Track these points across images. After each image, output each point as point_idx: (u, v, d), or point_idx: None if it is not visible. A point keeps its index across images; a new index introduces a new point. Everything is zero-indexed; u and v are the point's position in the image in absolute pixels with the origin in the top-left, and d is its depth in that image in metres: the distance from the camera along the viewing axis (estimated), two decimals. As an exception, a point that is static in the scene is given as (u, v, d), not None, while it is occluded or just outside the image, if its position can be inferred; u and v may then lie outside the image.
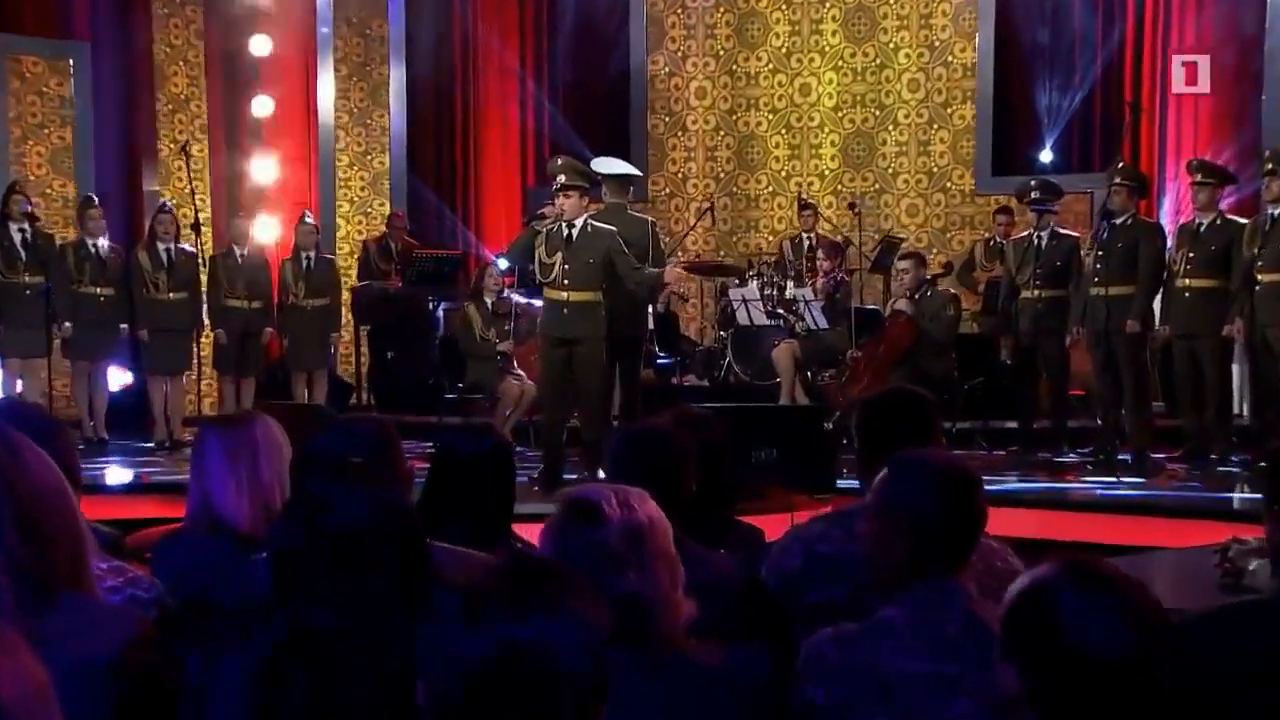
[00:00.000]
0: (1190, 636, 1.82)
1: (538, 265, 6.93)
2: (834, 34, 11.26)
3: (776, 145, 11.47)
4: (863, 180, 11.23)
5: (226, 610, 2.20)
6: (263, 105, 10.80)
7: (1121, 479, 6.98)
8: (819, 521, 2.83)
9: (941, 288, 8.60)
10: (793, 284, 9.54)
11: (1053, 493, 6.83)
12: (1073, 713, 1.57)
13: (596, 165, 7.41)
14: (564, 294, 6.83)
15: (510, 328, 8.58)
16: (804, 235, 10.19)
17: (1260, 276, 7.06)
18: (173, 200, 9.55)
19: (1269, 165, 7.18)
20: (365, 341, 10.41)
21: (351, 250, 10.84)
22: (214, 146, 10.56)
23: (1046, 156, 10.71)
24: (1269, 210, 7.15)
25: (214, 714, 1.69)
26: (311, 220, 9.54)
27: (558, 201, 6.84)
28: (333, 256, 9.97)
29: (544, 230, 6.89)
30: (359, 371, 10.44)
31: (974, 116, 10.90)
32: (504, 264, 8.86)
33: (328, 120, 11.06)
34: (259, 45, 10.71)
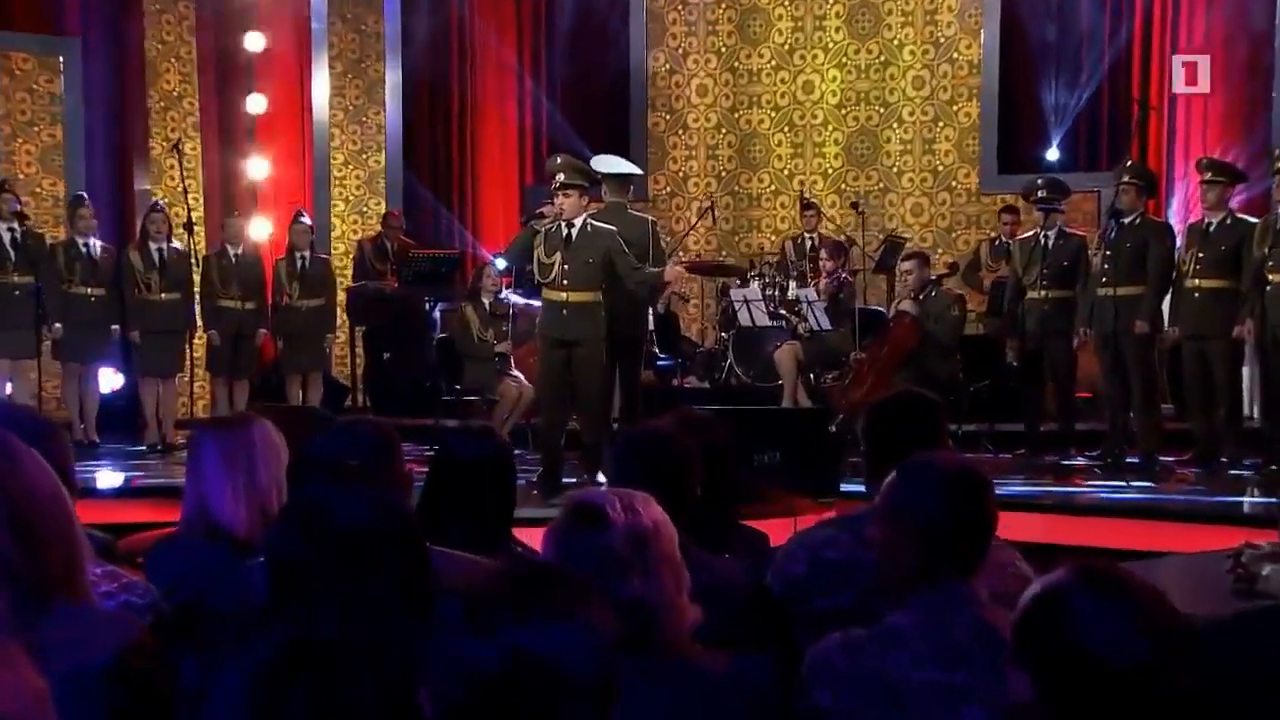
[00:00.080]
0: (1203, 643, 1.82)
1: (536, 265, 6.93)
2: (837, 30, 11.25)
3: (779, 143, 11.47)
4: (866, 179, 11.23)
5: (223, 616, 2.20)
6: (256, 103, 10.80)
7: (1130, 482, 6.98)
8: (825, 526, 2.84)
9: (946, 288, 8.59)
10: (795, 284, 9.53)
11: (1060, 496, 6.83)
12: (1086, 720, 1.57)
13: (596, 164, 7.40)
14: (563, 294, 6.83)
15: (508, 329, 8.58)
16: (806, 235, 10.19)
17: (1271, 277, 7.05)
18: (165, 199, 9.54)
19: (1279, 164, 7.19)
20: (361, 343, 10.39)
21: (347, 250, 10.83)
22: (207, 144, 10.56)
23: (1053, 155, 10.71)
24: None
25: (211, 722, 1.68)
26: (306, 219, 9.54)
27: (557, 201, 6.83)
28: (328, 256, 9.98)
29: (543, 230, 6.88)
30: (354, 373, 10.42)
31: (979, 114, 10.90)
32: (501, 264, 8.86)
33: (322, 118, 11.06)
34: (253, 42, 10.72)
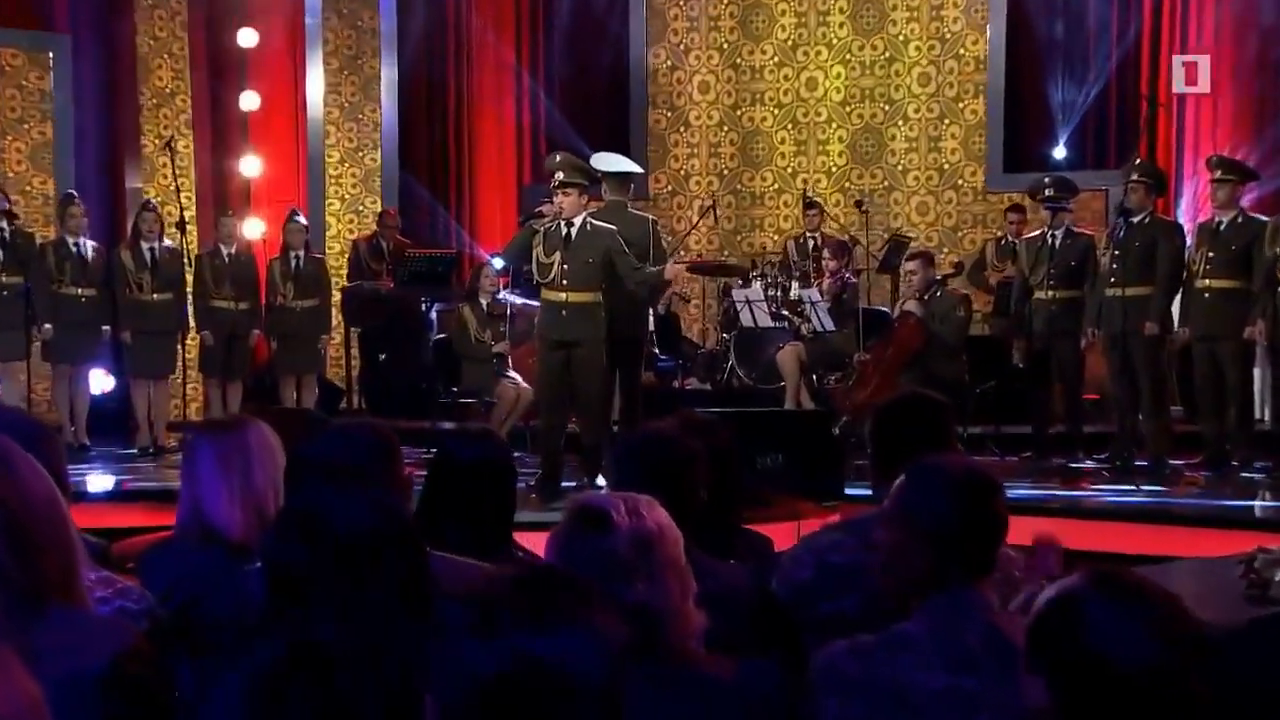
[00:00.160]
0: (1218, 651, 1.82)
1: (535, 265, 6.92)
2: (841, 26, 11.25)
3: (782, 141, 11.46)
4: (871, 177, 11.23)
5: (220, 621, 2.20)
6: (250, 99, 10.80)
7: (1139, 486, 6.98)
8: (831, 531, 2.84)
9: (951, 288, 8.60)
10: (798, 285, 9.54)
11: (1067, 500, 6.83)
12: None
13: (596, 162, 7.40)
14: (562, 295, 6.82)
15: (505, 329, 8.57)
16: (809, 234, 10.19)
17: (1282, 277, 7.08)
18: (157, 198, 9.54)
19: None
20: (356, 344, 10.39)
21: (342, 250, 10.81)
22: (199, 142, 10.55)
23: (1060, 153, 10.71)
24: (1291, 208, 7.17)
25: (210, 729, 1.68)
26: (301, 219, 9.54)
27: (556, 199, 6.82)
28: (322, 256, 9.97)
29: (542, 229, 6.88)
30: (349, 375, 10.42)
31: (986, 111, 10.91)
32: (499, 264, 8.86)
33: (317, 115, 11.05)
34: (246, 38, 10.72)
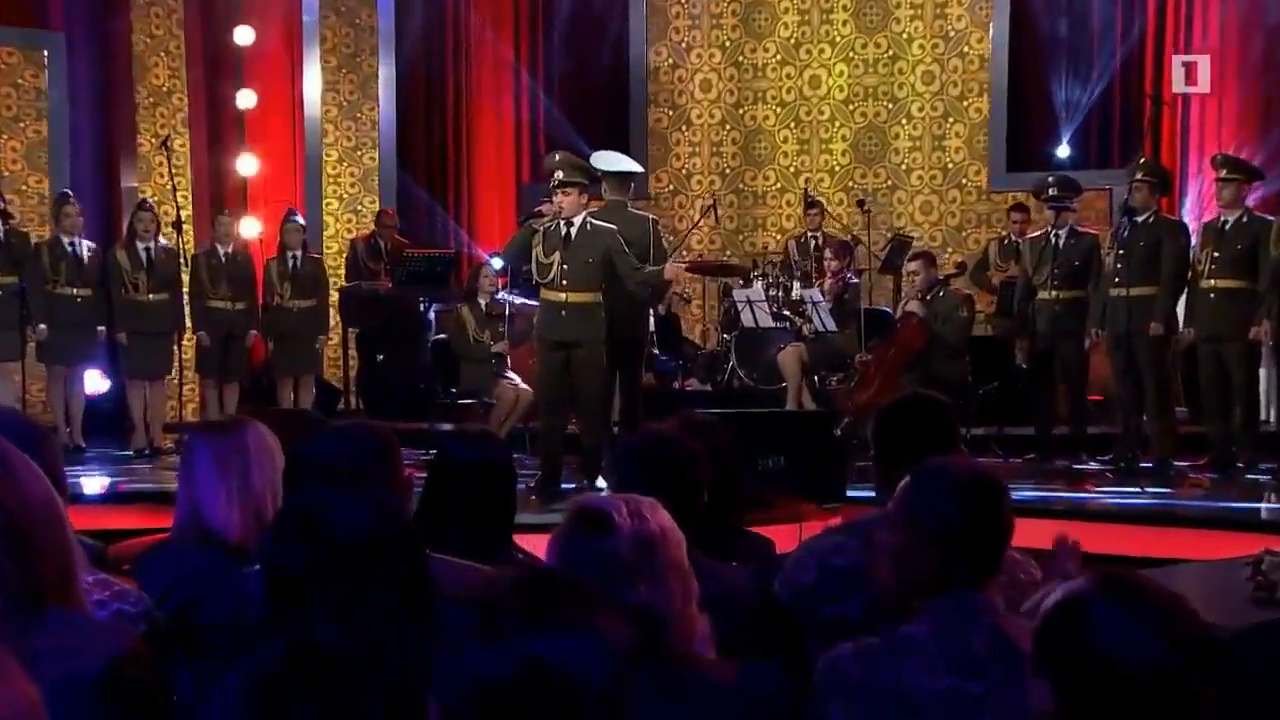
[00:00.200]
0: (1227, 654, 1.81)
1: (535, 265, 6.92)
2: (845, 24, 11.25)
3: (785, 140, 11.46)
4: (874, 176, 11.23)
5: (218, 625, 2.20)
6: (246, 98, 10.80)
7: (1144, 488, 6.97)
8: (834, 533, 2.83)
9: (954, 288, 8.60)
10: (799, 285, 9.53)
11: (1071, 502, 6.83)
12: (1108, 732, 1.56)
13: (596, 160, 7.40)
14: (562, 295, 6.82)
15: (504, 329, 8.56)
16: (810, 234, 10.19)
17: (1288, 276, 7.07)
18: (154, 197, 9.54)
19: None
20: (354, 344, 10.39)
21: (340, 249, 10.82)
22: (195, 140, 10.55)
23: (1063, 152, 10.71)
24: (1297, 207, 7.17)
25: (209, 733, 1.68)
26: (299, 218, 9.53)
27: (556, 199, 6.83)
28: (320, 256, 9.97)
29: (541, 229, 6.88)
30: (347, 376, 10.42)
31: (990, 110, 10.90)
32: (498, 264, 8.85)
33: (314, 114, 11.05)
34: (242, 35, 10.71)
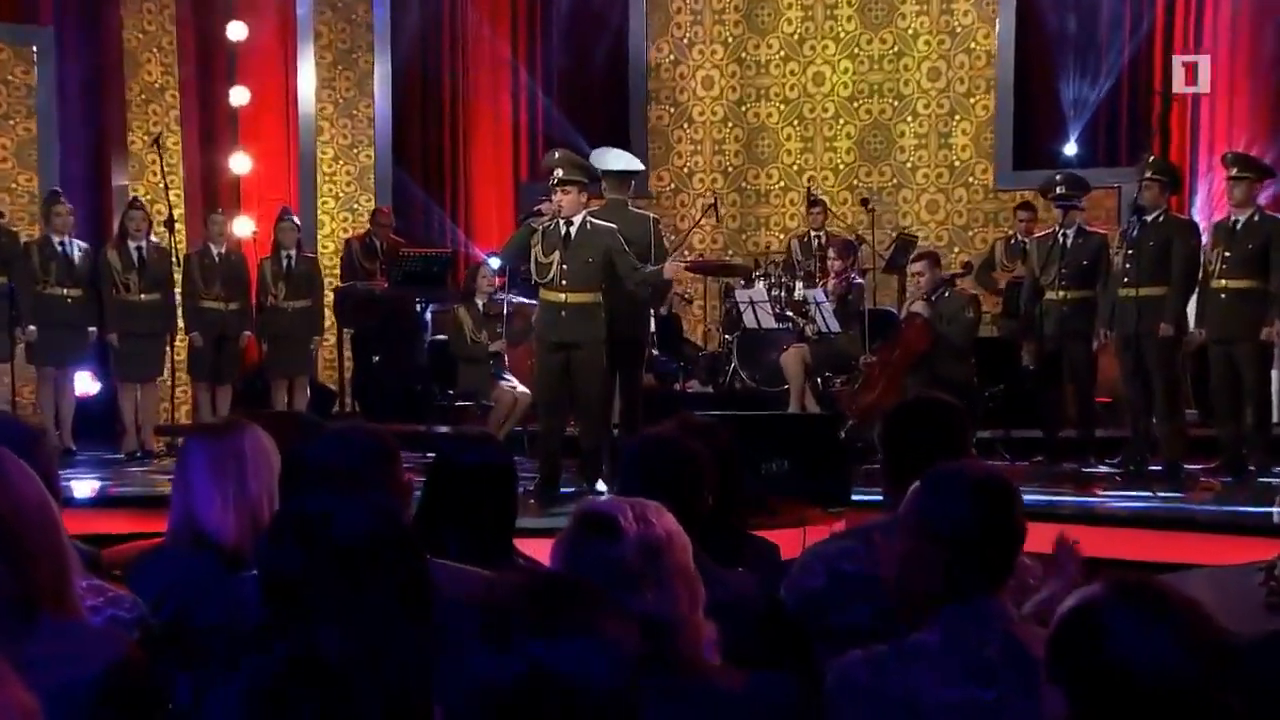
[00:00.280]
0: (1238, 662, 1.81)
1: (534, 265, 6.91)
2: (849, 19, 11.25)
3: (788, 138, 11.46)
4: (879, 175, 11.23)
5: (214, 631, 2.20)
6: (239, 95, 10.78)
7: (1155, 492, 6.97)
8: (841, 538, 2.83)
9: (960, 288, 8.59)
10: (802, 285, 9.53)
11: (1079, 506, 6.82)
12: (1124, 741, 1.56)
13: (597, 158, 7.38)
14: (561, 295, 6.81)
15: (502, 329, 8.54)
16: (813, 233, 10.19)
17: (1301, 276, 7.08)
18: (146, 196, 9.53)
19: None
20: (349, 345, 10.39)
21: (336, 249, 10.81)
22: (188, 139, 10.54)
23: (1071, 150, 10.71)
24: (1310, 206, 7.18)
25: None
26: (292, 217, 9.52)
27: (555, 197, 6.81)
28: (315, 255, 9.96)
29: (540, 228, 6.87)
30: (342, 377, 10.42)
31: (996, 107, 10.91)
32: (496, 263, 8.84)
33: (308, 111, 11.05)
34: (235, 31, 10.70)
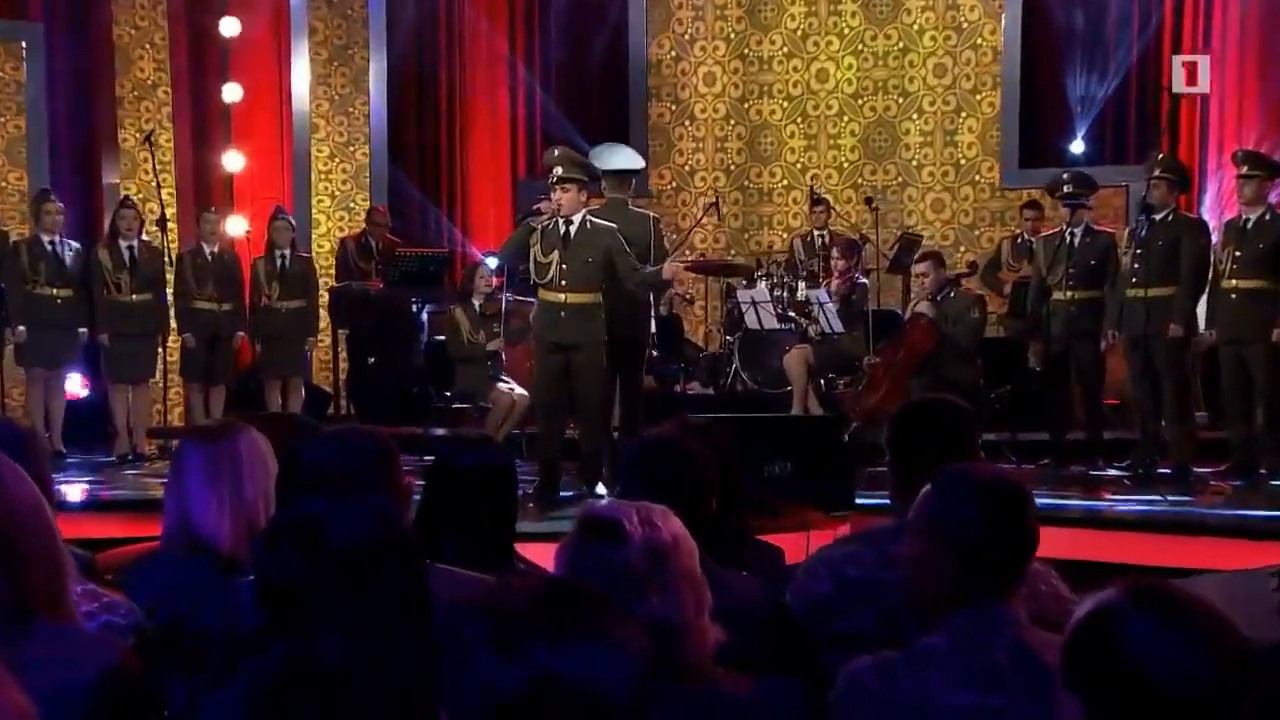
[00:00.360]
0: (1254, 669, 1.80)
1: (533, 265, 6.89)
2: (853, 15, 11.24)
3: (791, 135, 11.46)
4: (884, 173, 11.23)
5: (210, 637, 2.19)
6: (232, 91, 10.78)
7: (1165, 496, 6.96)
8: (847, 542, 2.83)
9: (965, 288, 8.59)
10: (805, 285, 9.52)
11: (1087, 510, 6.81)
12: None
13: (597, 155, 7.36)
14: (561, 296, 6.80)
15: (499, 329, 8.52)
16: (816, 232, 10.18)
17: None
18: (138, 194, 9.52)
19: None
20: (344, 347, 10.38)
21: (333, 249, 10.80)
22: (180, 136, 10.54)
23: (1078, 147, 10.71)
24: (1322, 205, 7.17)
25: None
26: (286, 216, 9.52)
27: (555, 196, 6.80)
28: (309, 255, 9.96)
29: (539, 227, 6.86)
30: (337, 379, 10.41)
31: (1003, 104, 10.91)
32: (493, 263, 8.83)
33: (302, 108, 11.05)
34: (228, 27, 10.70)
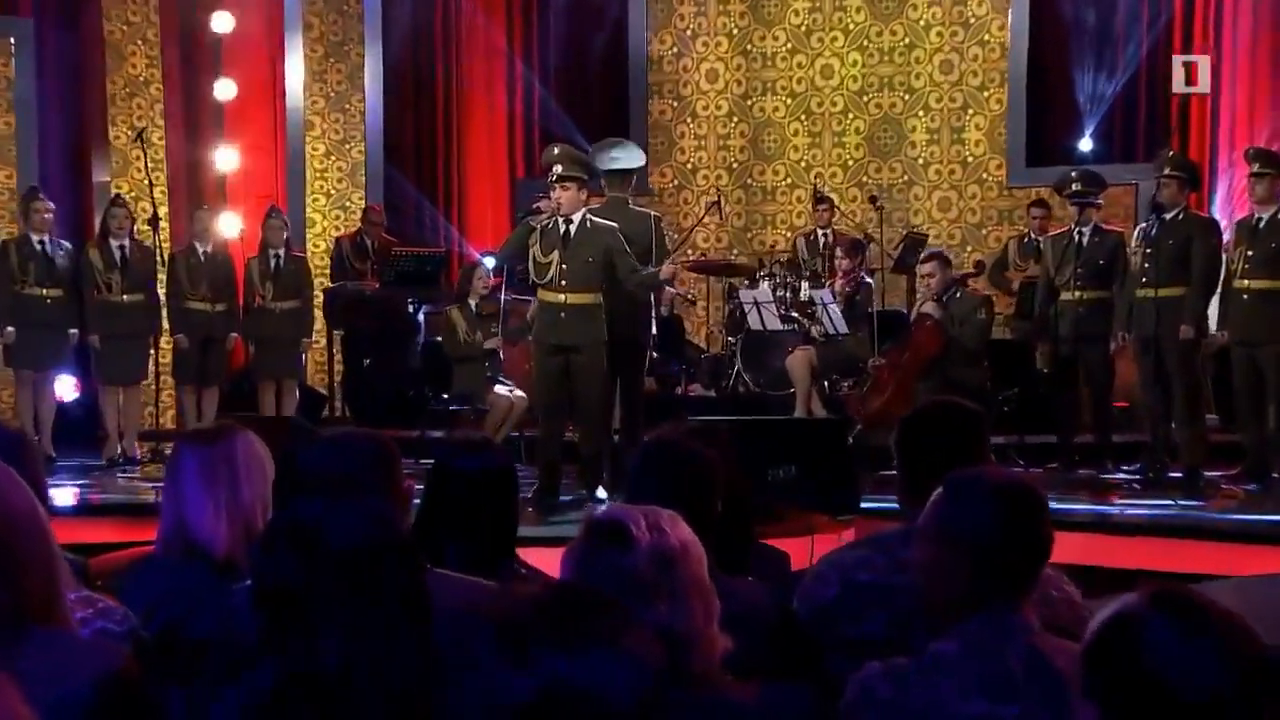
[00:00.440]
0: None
1: (532, 264, 6.88)
2: (858, 10, 11.25)
3: (795, 133, 11.46)
4: (890, 171, 11.23)
5: (207, 643, 2.19)
6: (225, 88, 10.77)
7: (1176, 501, 6.95)
8: (856, 547, 2.83)
9: (972, 289, 8.59)
10: (808, 285, 9.51)
11: (1096, 515, 6.79)
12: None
13: (598, 152, 7.35)
14: (561, 296, 6.79)
15: (497, 329, 8.52)
16: (820, 231, 10.18)
17: (1327, 277, 7.08)
18: (129, 193, 9.52)
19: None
20: (339, 348, 10.38)
21: (328, 248, 10.80)
22: (172, 133, 10.53)
23: (1086, 145, 10.72)
24: (1335, 204, 7.17)
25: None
26: (281, 215, 9.51)
27: (554, 194, 6.80)
28: (303, 255, 9.95)
29: (539, 226, 6.85)
30: (332, 381, 10.41)
31: (1009, 101, 10.91)
32: (491, 263, 8.82)
33: (296, 104, 11.05)
34: (220, 22, 10.69)
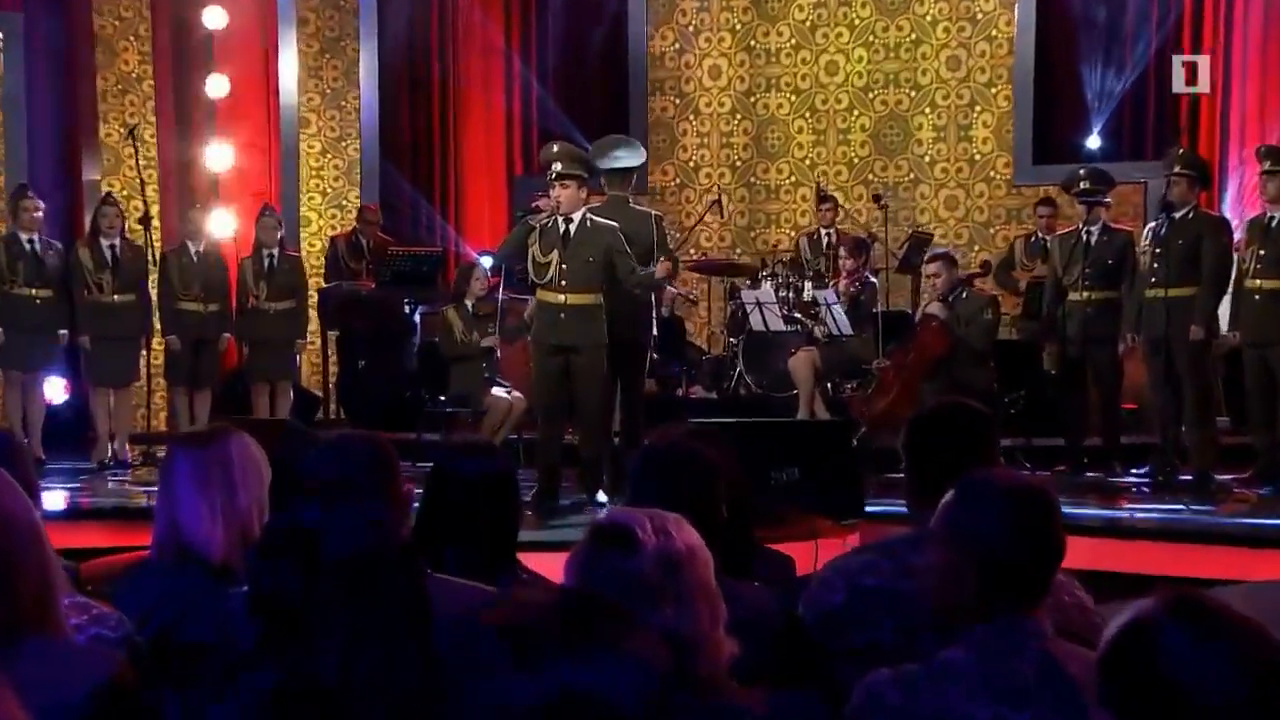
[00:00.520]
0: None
1: (531, 264, 6.88)
2: (864, 6, 11.26)
3: (799, 130, 11.47)
4: (895, 169, 11.23)
5: (203, 649, 2.19)
6: (217, 85, 10.76)
7: (1188, 505, 6.95)
8: (863, 552, 2.82)
9: (978, 289, 8.59)
10: (811, 285, 9.52)
11: (1104, 519, 6.79)
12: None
13: (598, 150, 7.34)
14: (561, 296, 6.79)
15: (494, 329, 8.51)
16: (823, 230, 10.18)
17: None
18: (121, 191, 9.52)
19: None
20: (334, 349, 10.38)
21: (324, 248, 10.80)
22: (163, 131, 10.53)
23: (1094, 143, 10.72)
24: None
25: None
26: (274, 214, 9.51)
27: (553, 193, 6.80)
28: (298, 254, 9.95)
29: (538, 226, 6.85)
30: (327, 382, 10.41)
31: (1016, 98, 10.92)
32: (489, 263, 8.82)
33: (290, 102, 11.04)
34: (212, 18, 10.68)
